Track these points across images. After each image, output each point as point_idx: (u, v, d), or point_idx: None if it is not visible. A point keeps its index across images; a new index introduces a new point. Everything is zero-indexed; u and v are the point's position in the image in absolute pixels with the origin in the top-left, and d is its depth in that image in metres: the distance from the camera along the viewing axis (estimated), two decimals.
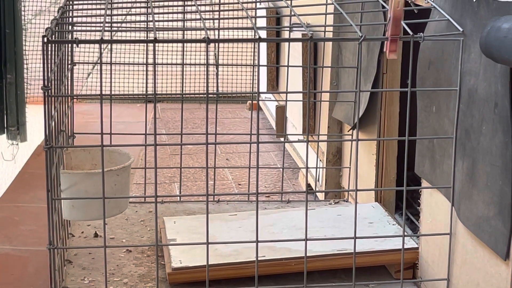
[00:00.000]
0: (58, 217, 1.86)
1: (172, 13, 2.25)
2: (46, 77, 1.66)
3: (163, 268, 2.04)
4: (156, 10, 1.94)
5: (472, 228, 1.66)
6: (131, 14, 2.12)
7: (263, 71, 4.04)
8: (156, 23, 1.75)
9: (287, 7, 2.01)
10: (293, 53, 3.07)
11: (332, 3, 2.07)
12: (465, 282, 1.73)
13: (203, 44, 1.61)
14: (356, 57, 2.47)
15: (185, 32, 3.46)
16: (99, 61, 1.67)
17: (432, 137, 1.86)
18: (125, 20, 2.04)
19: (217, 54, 3.86)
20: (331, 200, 2.46)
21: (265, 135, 3.86)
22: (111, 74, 2.20)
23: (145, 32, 2.36)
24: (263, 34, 3.68)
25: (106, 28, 1.77)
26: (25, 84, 3.98)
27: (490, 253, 1.60)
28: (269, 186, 3.34)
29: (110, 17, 1.95)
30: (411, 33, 1.67)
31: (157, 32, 1.69)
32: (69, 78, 2.24)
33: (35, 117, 3.81)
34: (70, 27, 2.04)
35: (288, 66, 2.59)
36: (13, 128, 3.74)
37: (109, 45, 4.23)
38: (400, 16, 1.65)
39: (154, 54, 1.65)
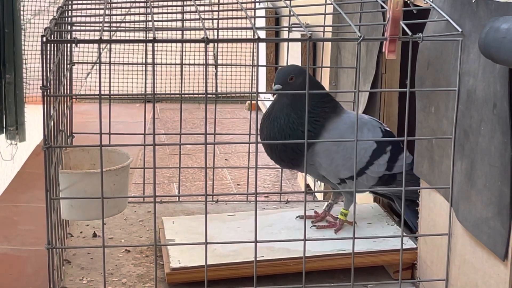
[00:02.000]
0: (56, 217, 1.86)
1: (171, 13, 2.25)
2: (45, 77, 1.66)
3: (162, 268, 2.04)
4: (155, 10, 1.94)
5: (470, 229, 1.66)
6: (130, 14, 2.12)
7: (262, 71, 4.04)
8: (155, 23, 1.75)
9: (286, 7, 2.01)
10: (292, 53, 3.07)
11: (331, 3, 2.07)
12: (464, 283, 1.73)
13: (202, 44, 1.61)
14: (355, 57, 2.47)
15: (184, 32, 3.46)
16: (98, 61, 1.67)
17: (431, 138, 1.86)
18: (124, 20, 2.04)
19: (216, 54, 3.86)
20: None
21: None
22: (110, 74, 2.20)
23: (144, 32, 2.36)
24: (262, 34, 3.68)
25: (105, 28, 1.77)
26: (24, 83, 3.98)
27: (488, 253, 1.60)
28: (268, 186, 3.34)
29: (109, 17, 1.95)
30: (410, 33, 1.67)
31: (156, 32, 1.69)
32: (68, 78, 2.24)
33: (34, 117, 3.81)
34: (69, 27, 2.04)
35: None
36: (12, 127, 3.74)
37: (108, 45, 4.24)
38: (399, 17, 1.65)
39: (153, 54, 1.65)
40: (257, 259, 1.74)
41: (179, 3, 2.23)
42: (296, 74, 2.03)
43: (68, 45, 2.25)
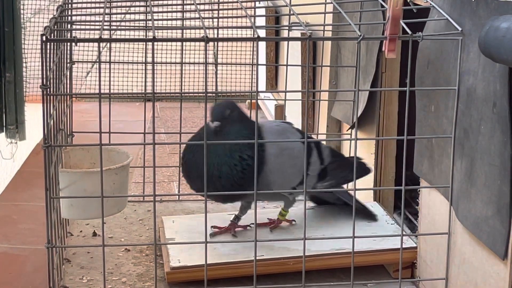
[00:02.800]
0: (56, 215, 1.86)
1: (171, 11, 2.25)
2: (45, 76, 1.66)
3: (162, 267, 2.04)
4: (155, 9, 1.94)
5: (470, 228, 1.66)
6: (130, 13, 2.12)
7: (262, 70, 4.04)
8: (155, 22, 1.75)
9: (286, 6, 2.01)
10: (292, 52, 3.07)
11: (331, 2, 2.07)
12: (463, 282, 1.73)
13: (202, 43, 1.61)
14: (355, 56, 2.47)
15: (184, 31, 3.46)
16: (98, 60, 1.67)
17: (430, 137, 1.86)
18: (124, 19, 2.04)
19: (216, 53, 3.86)
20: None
21: None
22: (110, 73, 2.20)
23: (144, 31, 2.36)
24: (262, 33, 3.68)
25: (105, 27, 1.77)
26: (24, 82, 3.98)
27: (488, 252, 1.60)
28: None
29: (109, 16, 1.95)
30: (410, 32, 1.67)
31: (156, 31, 1.69)
32: (68, 76, 2.24)
33: (34, 116, 3.81)
34: (69, 25, 2.04)
35: (287, 65, 2.59)
36: (12, 126, 3.74)
37: (108, 44, 4.24)
38: (399, 15, 1.65)
39: (153, 53, 1.65)
40: (257, 258, 1.74)
41: (179, 2, 2.23)
42: (231, 108, 1.99)
43: (68, 44, 2.25)
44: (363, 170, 2.20)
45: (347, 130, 2.59)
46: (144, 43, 1.89)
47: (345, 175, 2.18)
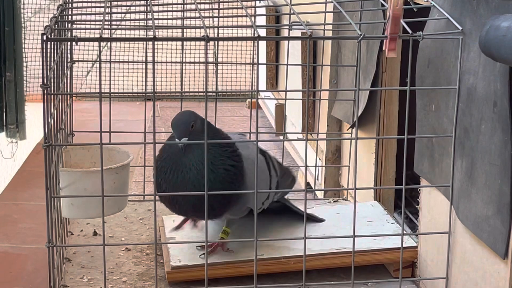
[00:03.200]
0: (57, 215, 1.86)
1: (172, 11, 2.25)
2: (45, 75, 1.66)
3: (162, 266, 2.04)
4: (155, 8, 1.94)
5: (471, 227, 1.66)
6: (130, 12, 2.12)
7: (263, 69, 4.04)
8: (156, 21, 1.75)
9: (287, 5, 2.01)
10: (293, 52, 3.07)
11: (332, 2, 2.07)
12: (464, 281, 1.73)
13: (203, 42, 1.61)
14: (356, 56, 2.47)
15: (185, 30, 3.45)
16: (98, 59, 1.67)
17: (431, 136, 1.86)
18: (124, 18, 2.04)
19: (216, 52, 3.86)
20: (330, 198, 2.46)
21: (265, 133, 3.86)
22: (110, 72, 2.20)
23: (145, 30, 2.36)
24: (262, 32, 3.68)
25: (105, 26, 1.77)
26: (24, 82, 3.99)
27: (489, 252, 1.60)
28: None
29: (109, 15, 1.95)
30: (410, 31, 1.67)
31: (156, 30, 1.69)
32: (69, 76, 2.24)
33: (34, 115, 3.81)
34: (69, 25, 2.04)
35: (287, 64, 2.59)
36: (12, 126, 3.74)
37: (109, 43, 4.24)
38: (399, 15, 1.65)
39: (154, 52, 1.65)
40: (258, 257, 1.74)
41: (180, 1, 2.23)
42: (194, 120, 1.90)
43: (69, 43, 2.25)
44: (294, 178, 2.24)
45: (347, 130, 2.59)
46: (145, 42, 1.88)
47: (289, 184, 2.20)
